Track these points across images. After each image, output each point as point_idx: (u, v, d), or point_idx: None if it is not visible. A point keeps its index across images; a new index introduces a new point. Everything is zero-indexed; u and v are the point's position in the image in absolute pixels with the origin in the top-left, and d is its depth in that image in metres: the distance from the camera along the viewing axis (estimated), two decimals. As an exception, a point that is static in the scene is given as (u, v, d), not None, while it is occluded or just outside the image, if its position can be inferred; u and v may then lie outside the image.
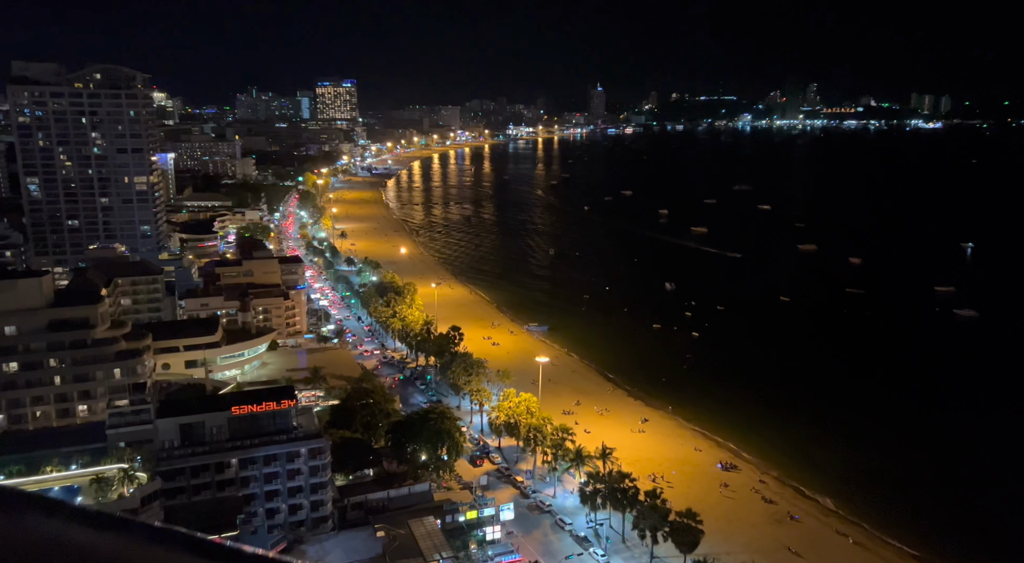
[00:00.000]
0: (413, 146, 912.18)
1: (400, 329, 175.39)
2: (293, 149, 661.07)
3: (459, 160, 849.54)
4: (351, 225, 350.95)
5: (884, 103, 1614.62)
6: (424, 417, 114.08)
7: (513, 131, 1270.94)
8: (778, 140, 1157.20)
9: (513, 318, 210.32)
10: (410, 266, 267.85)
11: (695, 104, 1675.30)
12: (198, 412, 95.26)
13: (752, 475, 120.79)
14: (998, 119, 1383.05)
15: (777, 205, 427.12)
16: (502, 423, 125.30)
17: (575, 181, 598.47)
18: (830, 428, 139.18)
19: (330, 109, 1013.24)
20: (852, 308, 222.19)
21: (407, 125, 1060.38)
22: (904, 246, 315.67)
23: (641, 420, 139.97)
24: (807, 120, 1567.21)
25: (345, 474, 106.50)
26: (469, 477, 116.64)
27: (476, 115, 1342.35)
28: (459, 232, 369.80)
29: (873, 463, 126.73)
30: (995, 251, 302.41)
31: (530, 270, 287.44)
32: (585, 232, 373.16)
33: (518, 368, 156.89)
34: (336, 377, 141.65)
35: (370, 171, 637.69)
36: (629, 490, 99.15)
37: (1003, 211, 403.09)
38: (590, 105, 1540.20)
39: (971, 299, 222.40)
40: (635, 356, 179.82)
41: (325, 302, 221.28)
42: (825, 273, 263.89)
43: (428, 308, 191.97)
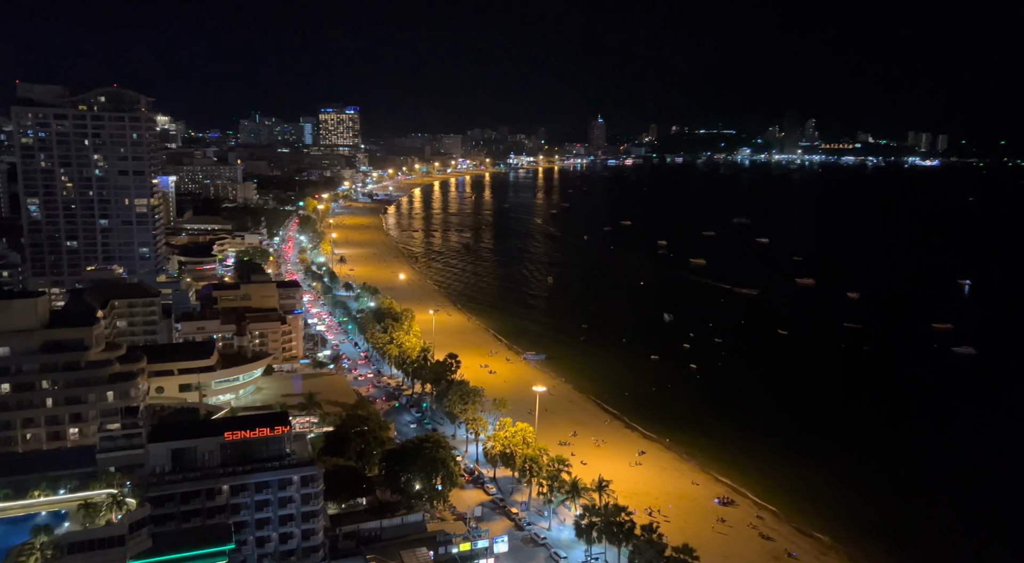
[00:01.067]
0: (414, 173, 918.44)
1: (397, 356, 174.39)
2: (295, 174, 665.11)
3: (460, 188, 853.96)
4: (350, 250, 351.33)
5: (882, 140, 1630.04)
6: (419, 446, 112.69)
7: (514, 160, 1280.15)
8: (777, 174, 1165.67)
9: (511, 346, 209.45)
10: (408, 292, 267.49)
11: (694, 137, 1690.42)
12: (190, 437, 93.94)
13: (749, 510, 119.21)
14: (994, 158, 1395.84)
15: (776, 238, 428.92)
16: (498, 453, 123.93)
17: (575, 211, 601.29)
18: (828, 464, 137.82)
19: (332, 135, 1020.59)
20: (850, 343, 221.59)
21: (409, 152, 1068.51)
22: (902, 282, 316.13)
23: (638, 452, 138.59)
24: (805, 155, 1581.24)
25: (337, 503, 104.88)
26: (463, 508, 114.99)
27: (478, 144, 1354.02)
28: (458, 259, 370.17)
29: (871, 500, 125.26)
30: (992, 289, 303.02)
31: (528, 298, 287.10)
32: (584, 261, 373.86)
33: (515, 397, 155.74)
34: (331, 403, 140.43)
35: (371, 197, 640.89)
36: (625, 524, 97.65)
37: (1000, 249, 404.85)
38: (591, 136, 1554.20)
39: (969, 336, 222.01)
40: (633, 387, 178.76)
41: (322, 327, 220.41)
42: (823, 307, 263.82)
43: (426, 335, 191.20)
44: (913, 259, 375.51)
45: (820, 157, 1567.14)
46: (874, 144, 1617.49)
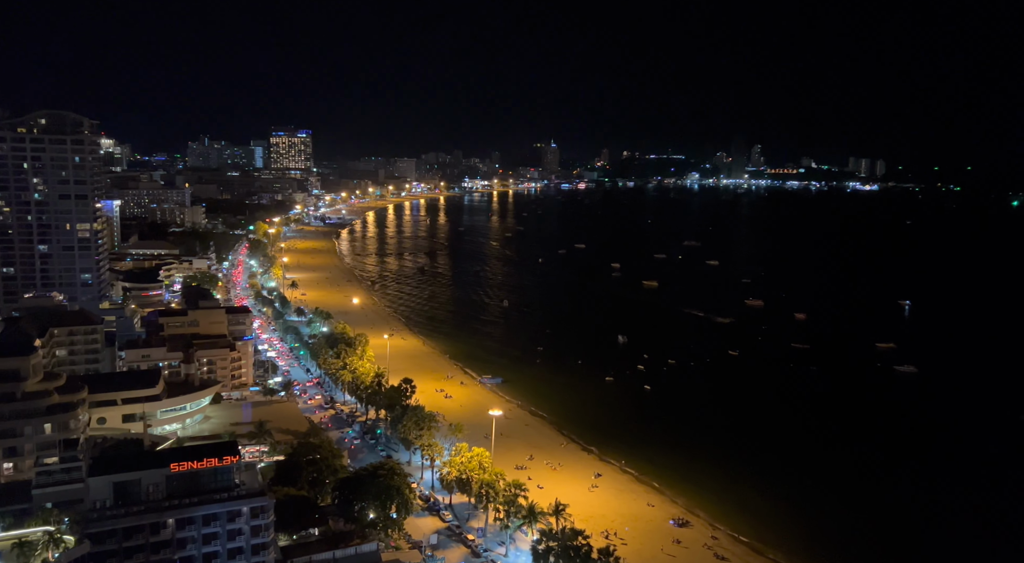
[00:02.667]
0: (368, 197, 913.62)
1: (350, 381, 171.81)
2: (245, 198, 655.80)
3: (414, 211, 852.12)
4: (302, 275, 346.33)
5: (824, 165, 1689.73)
6: (373, 473, 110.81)
7: (469, 184, 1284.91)
8: (725, 198, 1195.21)
9: (466, 370, 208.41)
10: (362, 317, 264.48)
11: (645, 162, 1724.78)
12: (134, 469, 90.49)
13: (704, 531, 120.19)
14: (929, 183, 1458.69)
15: (725, 261, 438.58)
16: (454, 479, 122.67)
17: (529, 234, 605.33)
18: (780, 483, 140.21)
19: (284, 158, 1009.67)
20: (798, 363, 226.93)
21: (362, 176, 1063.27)
22: (846, 303, 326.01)
23: (594, 475, 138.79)
24: (752, 180, 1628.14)
25: (289, 534, 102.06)
26: (419, 536, 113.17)
27: (432, 167, 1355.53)
28: (413, 283, 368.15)
29: (822, 518, 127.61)
30: (931, 309, 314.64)
31: (484, 322, 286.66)
32: (539, 284, 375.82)
33: (471, 421, 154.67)
34: (282, 431, 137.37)
35: (323, 221, 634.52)
36: (582, 548, 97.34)
37: (937, 271, 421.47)
38: (544, 160, 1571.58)
39: (911, 355, 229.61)
40: (588, 409, 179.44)
41: (273, 353, 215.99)
42: (772, 328, 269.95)
43: (380, 360, 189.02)
44: (856, 281, 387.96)
45: (766, 182, 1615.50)
46: (817, 169, 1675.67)
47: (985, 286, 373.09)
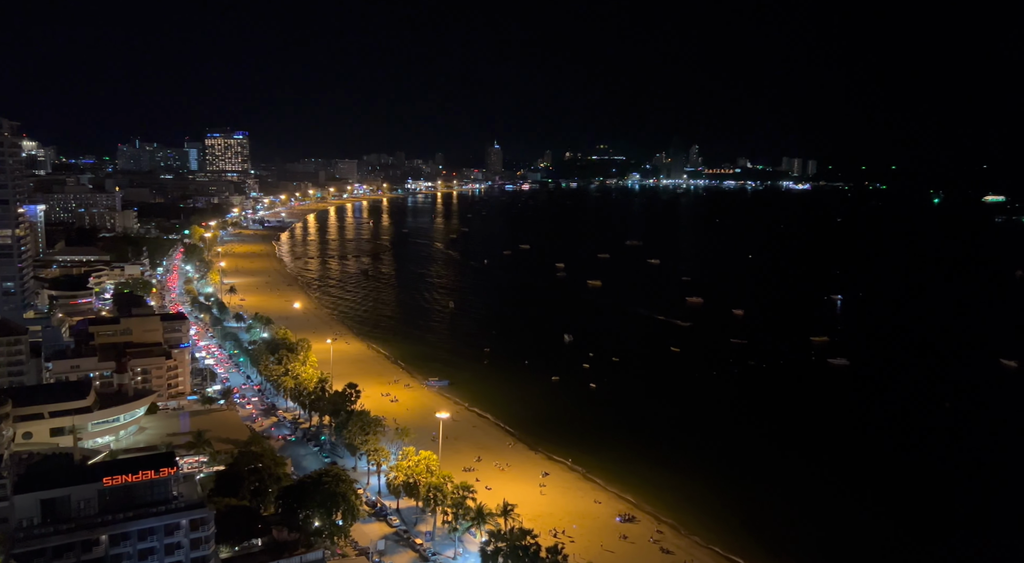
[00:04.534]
0: (308, 199, 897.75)
1: (293, 388, 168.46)
2: (179, 201, 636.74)
3: (357, 213, 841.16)
4: (241, 280, 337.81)
5: (759, 165, 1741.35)
6: (318, 480, 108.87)
7: (412, 185, 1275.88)
8: (665, 198, 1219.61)
9: (413, 373, 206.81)
10: (304, 321, 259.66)
11: (587, 163, 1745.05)
12: (63, 485, 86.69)
13: (650, 526, 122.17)
14: (857, 182, 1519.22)
15: (665, 260, 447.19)
16: (401, 483, 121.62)
17: (474, 235, 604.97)
18: (722, 476, 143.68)
19: (220, 161, 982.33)
20: (737, 358, 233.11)
21: (302, 178, 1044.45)
22: (781, 299, 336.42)
23: (542, 474, 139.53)
24: (691, 180, 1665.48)
25: (231, 546, 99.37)
26: (366, 542, 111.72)
27: (374, 169, 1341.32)
28: (356, 286, 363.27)
29: (761, 509, 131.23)
30: (861, 304, 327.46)
31: (430, 324, 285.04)
32: (485, 286, 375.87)
33: (418, 425, 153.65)
34: (222, 441, 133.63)
35: (262, 224, 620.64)
36: (531, 547, 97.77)
37: (865, 266, 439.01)
38: (488, 161, 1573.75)
39: (843, 349, 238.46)
40: (535, 409, 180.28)
41: (211, 361, 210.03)
42: (711, 324, 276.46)
43: (323, 365, 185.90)
44: (790, 277, 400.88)
45: (704, 182, 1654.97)
46: (752, 169, 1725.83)
47: (910, 280, 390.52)
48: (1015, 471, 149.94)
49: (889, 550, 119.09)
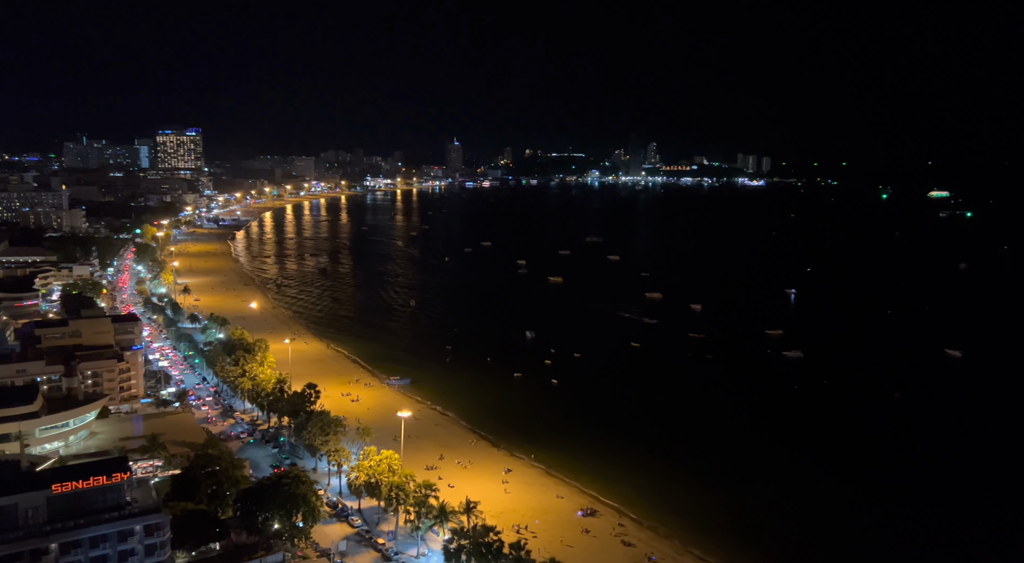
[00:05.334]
0: (265, 197, 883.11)
1: (250, 389, 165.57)
2: (130, 200, 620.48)
3: (314, 211, 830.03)
4: (196, 280, 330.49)
5: (715, 162, 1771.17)
6: (277, 482, 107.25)
7: (371, 182, 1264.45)
8: (624, 195, 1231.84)
9: (373, 372, 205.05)
10: (261, 321, 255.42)
11: (547, 160, 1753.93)
12: (9, 493, 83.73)
13: (612, 519, 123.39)
14: (810, 178, 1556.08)
15: (625, 256, 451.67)
16: (362, 483, 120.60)
17: (435, 232, 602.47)
18: (682, 468, 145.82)
19: (172, 158, 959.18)
20: (696, 352, 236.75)
21: (258, 175, 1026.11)
22: (738, 293, 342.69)
23: (505, 470, 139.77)
24: (649, 177, 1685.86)
25: (187, 551, 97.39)
26: (327, 543, 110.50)
27: (332, 166, 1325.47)
28: (315, 285, 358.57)
29: (721, 499, 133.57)
30: (814, 297, 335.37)
31: (391, 322, 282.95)
32: (446, 283, 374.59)
33: (379, 424, 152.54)
34: (177, 444, 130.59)
35: (217, 222, 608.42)
36: (494, 544, 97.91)
37: (818, 260, 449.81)
38: (448, 158, 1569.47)
39: (797, 341, 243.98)
40: (498, 406, 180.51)
41: (165, 363, 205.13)
42: (670, 319, 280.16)
43: (281, 365, 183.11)
44: (746, 272, 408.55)
45: (662, 178, 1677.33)
46: (708, 166, 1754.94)
47: (860, 273, 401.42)
48: (961, 456, 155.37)
49: (842, 535, 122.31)
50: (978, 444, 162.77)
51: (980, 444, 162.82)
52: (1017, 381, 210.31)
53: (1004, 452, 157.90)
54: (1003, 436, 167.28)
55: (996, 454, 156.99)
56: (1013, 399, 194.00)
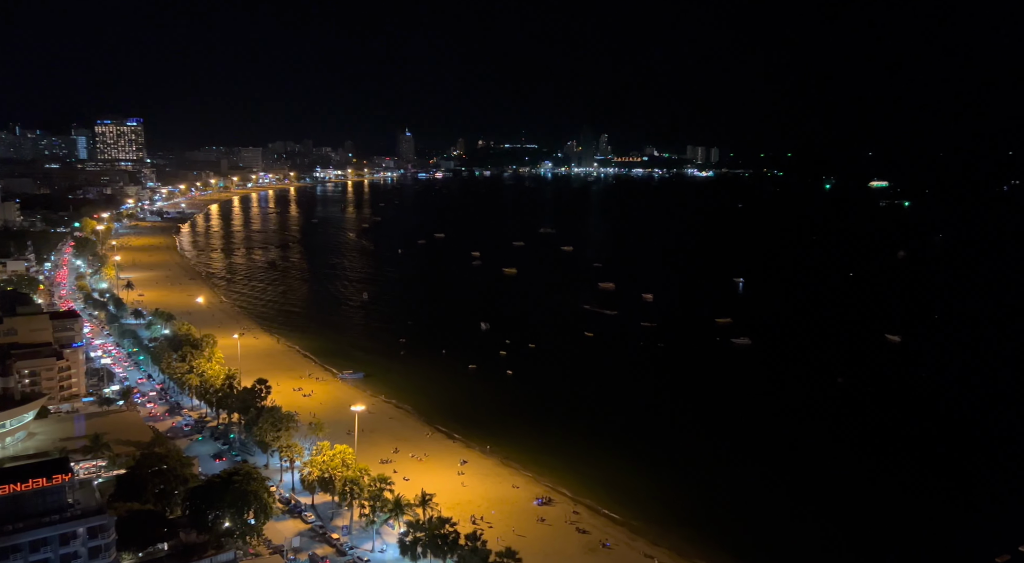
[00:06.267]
0: (210, 189, 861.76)
1: (198, 385, 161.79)
2: (68, 192, 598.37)
3: (263, 203, 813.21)
4: (139, 274, 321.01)
5: (665, 153, 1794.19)
6: (227, 480, 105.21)
7: (320, 174, 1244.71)
8: (576, 186, 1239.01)
9: (326, 367, 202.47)
10: (208, 316, 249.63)
11: (500, 151, 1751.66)
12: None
13: (567, 507, 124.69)
14: (757, 169, 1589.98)
15: (578, 247, 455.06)
16: (316, 479, 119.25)
17: (387, 224, 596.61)
18: (635, 455, 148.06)
19: (112, 149, 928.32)
20: (648, 341, 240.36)
21: (203, 167, 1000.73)
22: (688, 282, 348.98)
23: (460, 462, 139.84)
24: (601, 168, 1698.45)
25: (134, 552, 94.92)
26: (280, 540, 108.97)
27: (280, 157, 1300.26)
28: (264, 278, 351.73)
29: (675, 486, 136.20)
30: (761, 285, 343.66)
31: (343, 316, 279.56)
32: (399, 275, 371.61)
33: (332, 419, 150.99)
34: (122, 443, 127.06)
35: (161, 215, 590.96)
36: (450, 535, 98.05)
37: (764, 250, 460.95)
38: (399, 149, 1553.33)
39: (745, 329, 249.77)
40: (453, 398, 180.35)
41: (108, 360, 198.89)
42: (623, 309, 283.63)
43: (230, 361, 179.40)
44: (696, 261, 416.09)
45: (613, 170, 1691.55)
46: (659, 157, 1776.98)
47: (804, 262, 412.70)
48: (901, 440, 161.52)
49: (788, 519, 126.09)
50: (916, 424, 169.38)
51: (918, 424, 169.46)
52: (952, 363, 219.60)
53: (940, 431, 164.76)
54: (939, 416, 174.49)
55: (933, 432, 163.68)
56: (949, 380, 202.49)
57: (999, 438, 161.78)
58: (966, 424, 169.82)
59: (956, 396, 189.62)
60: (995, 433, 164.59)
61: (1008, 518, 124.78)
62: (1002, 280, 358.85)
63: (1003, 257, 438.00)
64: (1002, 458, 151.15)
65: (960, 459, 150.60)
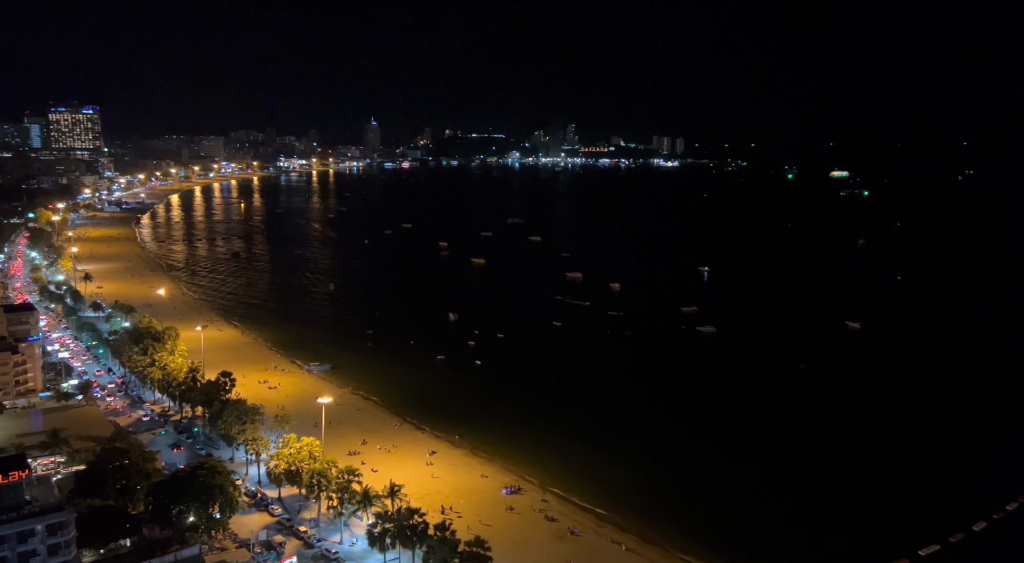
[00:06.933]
0: (171, 178, 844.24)
1: (160, 379, 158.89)
2: (21, 182, 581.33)
3: (225, 193, 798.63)
4: (98, 266, 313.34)
5: (632, 143, 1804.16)
6: (191, 474, 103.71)
7: (285, 163, 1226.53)
8: (544, 176, 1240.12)
9: (292, 359, 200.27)
10: (170, 309, 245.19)
11: (468, 141, 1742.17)
12: None
13: (536, 495, 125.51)
14: (721, 159, 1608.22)
15: (546, 237, 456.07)
16: (282, 471, 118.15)
17: (353, 214, 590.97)
18: (601, 442, 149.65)
19: (67, 137, 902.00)
20: (615, 329, 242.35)
21: (163, 156, 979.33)
22: (654, 271, 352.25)
23: (429, 453, 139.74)
24: (568, 158, 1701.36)
25: (95, 549, 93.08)
26: (246, 533, 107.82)
27: (243, 146, 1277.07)
28: (227, 270, 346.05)
29: (638, 472, 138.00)
30: (725, 274, 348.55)
31: (309, 307, 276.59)
32: (366, 266, 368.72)
33: (299, 411, 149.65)
34: (82, 438, 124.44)
35: (120, 206, 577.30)
36: (419, 526, 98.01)
37: (728, 239, 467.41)
38: (365, 139, 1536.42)
39: (710, 317, 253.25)
40: (421, 389, 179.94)
41: (66, 354, 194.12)
42: (591, 299, 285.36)
43: (193, 354, 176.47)
44: (662, 250, 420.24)
45: (580, 160, 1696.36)
46: (625, 147, 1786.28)
47: (766, 250, 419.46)
48: (861, 423, 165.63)
49: (754, 503, 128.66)
50: (876, 409, 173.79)
51: (877, 409, 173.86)
52: (909, 349, 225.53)
53: (898, 415, 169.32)
54: (896, 401, 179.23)
55: (891, 417, 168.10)
56: (906, 366, 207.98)
57: (954, 421, 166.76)
58: (923, 409, 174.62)
59: (913, 381, 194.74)
60: (950, 416, 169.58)
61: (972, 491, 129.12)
62: (956, 267, 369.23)
63: (957, 244, 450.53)
64: (956, 440, 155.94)
65: (919, 442, 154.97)
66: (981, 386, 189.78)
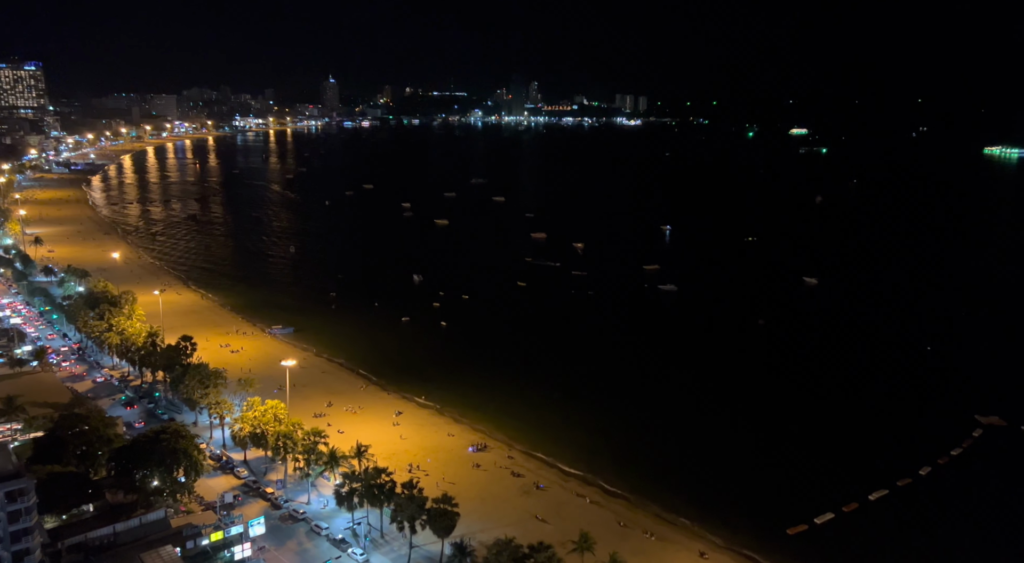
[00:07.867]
0: (122, 138, 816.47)
1: (119, 344, 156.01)
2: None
3: (179, 154, 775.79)
4: (48, 229, 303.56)
5: (595, 102, 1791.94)
6: (155, 438, 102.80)
7: (241, 122, 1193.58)
8: (507, 135, 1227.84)
9: (254, 322, 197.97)
10: (127, 273, 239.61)
11: (429, 99, 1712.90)
12: None
13: (502, 452, 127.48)
14: (683, 117, 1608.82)
15: (510, 197, 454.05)
16: (247, 434, 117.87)
17: (313, 175, 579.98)
18: (564, 400, 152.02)
19: (9, 96, 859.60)
20: (579, 289, 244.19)
21: (112, 115, 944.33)
22: (617, 230, 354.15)
23: (395, 413, 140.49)
24: (531, 117, 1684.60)
25: (57, 514, 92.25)
26: (212, 496, 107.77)
27: (196, 105, 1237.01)
28: (184, 233, 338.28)
29: (601, 427, 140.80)
30: (686, 233, 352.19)
31: (270, 270, 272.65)
32: (328, 228, 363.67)
33: (263, 374, 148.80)
34: (39, 405, 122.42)
35: (68, 167, 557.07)
36: (386, 484, 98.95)
37: (690, 197, 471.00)
38: (323, 97, 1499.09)
39: (672, 276, 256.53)
40: (386, 350, 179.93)
41: (18, 320, 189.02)
42: (554, 258, 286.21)
43: (152, 318, 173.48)
44: (624, 209, 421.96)
45: (544, 118, 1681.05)
46: (589, 106, 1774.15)
47: (726, 208, 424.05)
48: (816, 375, 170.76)
49: (715, 455, 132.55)
50: (830, 361, 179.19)
51: (832, 361, 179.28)
52: (864, 303, 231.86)
53: (851, 367, 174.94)
54: (850, 353, 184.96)
55: (844, 369, 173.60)
56: (861, 320, 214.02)
57: (903, 372, 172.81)
58: (874, 361, 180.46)
59: (866, 335, 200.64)
60: (900, 367, 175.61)
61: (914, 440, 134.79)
62: (910, 222, 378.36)
63: (912, 200, 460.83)
64: (905, 389, 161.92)
65: (870, 391, 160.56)
66: (931, 338, 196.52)
